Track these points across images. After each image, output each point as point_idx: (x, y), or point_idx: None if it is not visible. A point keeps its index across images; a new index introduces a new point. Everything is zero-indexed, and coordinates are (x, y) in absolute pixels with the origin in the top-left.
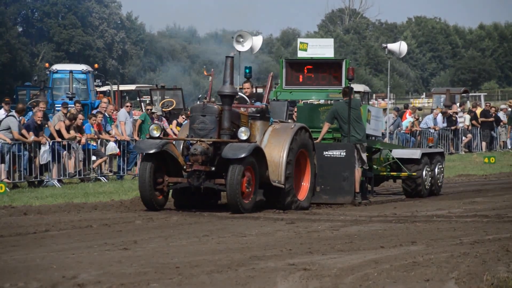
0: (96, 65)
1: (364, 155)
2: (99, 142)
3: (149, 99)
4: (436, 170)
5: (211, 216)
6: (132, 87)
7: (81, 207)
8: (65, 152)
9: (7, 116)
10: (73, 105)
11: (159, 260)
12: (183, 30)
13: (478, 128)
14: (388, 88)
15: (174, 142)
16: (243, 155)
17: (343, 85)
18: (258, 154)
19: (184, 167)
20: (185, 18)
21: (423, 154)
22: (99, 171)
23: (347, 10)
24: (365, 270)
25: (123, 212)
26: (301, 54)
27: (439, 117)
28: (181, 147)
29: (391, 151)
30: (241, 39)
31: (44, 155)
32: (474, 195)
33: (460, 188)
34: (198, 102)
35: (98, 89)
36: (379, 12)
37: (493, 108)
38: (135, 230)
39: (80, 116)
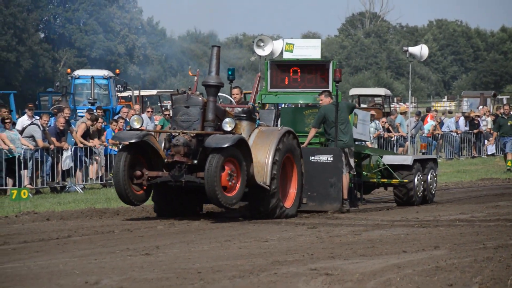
0: (117, 70)
1: (352, 160)
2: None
3: (170, 104)
4: (429, 177)
5: (233, 221)
6: (153, 92)
7: (103, 213)
8: (87, 159)
9: (31, 124)
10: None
11: (181, 265)
12: (203, 35)
13: None
14: (410, 92)
15: (156, 136)
16: (226, 145)
17: (331, 87)
18: (242, 146)
19: (166, 160)
20: (206, 22)
21: (415, 161)
22: None
23: (367, 14)
24: (388, 275)
25: (145, 217)
26: (287, 56)
27: (461, 120)
28: (164, 140)
29: (381, 157)
30: (262, 43)
31: (66, 161)
32: (497, 199)
33: (483, 192)
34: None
35: (120, 95)
36: (400, 15)
37: None
38: (157, 236)
39: (100, 120)
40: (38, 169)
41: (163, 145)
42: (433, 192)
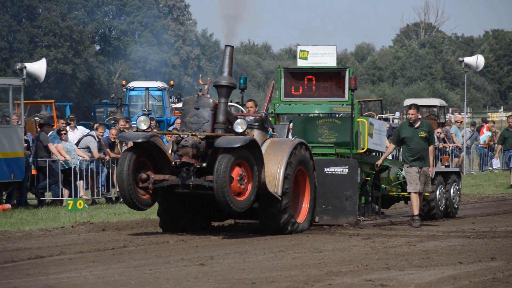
0: (171, 82)
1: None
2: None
3: None
4: (452, 190)
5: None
6: None
7: (158, 223)
8: None
9: (87, 135)
10: None
11: (235, 275)
12: (257, 46)
13: None
14: (465, 102)
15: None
16: (237, 145)
17: (346, 96)
18: (254, 148)
19: (173, 162)
20: (260, 34)
21: (437, 173)
22: None
23: (422, 24)
24: (444, 286)
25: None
26: (301, 63)
27: None
28: (172, 143)
29: (401, 169)
30: None
31: None
32: None
33: None
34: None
35: (174, 106)
36: (455, 25)
37: None
38: (211, 246)
39: (155, 131)
40: (94, 180)
41: (171, 149)
42: (456, 206)
